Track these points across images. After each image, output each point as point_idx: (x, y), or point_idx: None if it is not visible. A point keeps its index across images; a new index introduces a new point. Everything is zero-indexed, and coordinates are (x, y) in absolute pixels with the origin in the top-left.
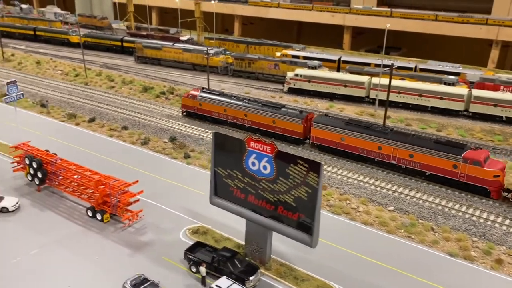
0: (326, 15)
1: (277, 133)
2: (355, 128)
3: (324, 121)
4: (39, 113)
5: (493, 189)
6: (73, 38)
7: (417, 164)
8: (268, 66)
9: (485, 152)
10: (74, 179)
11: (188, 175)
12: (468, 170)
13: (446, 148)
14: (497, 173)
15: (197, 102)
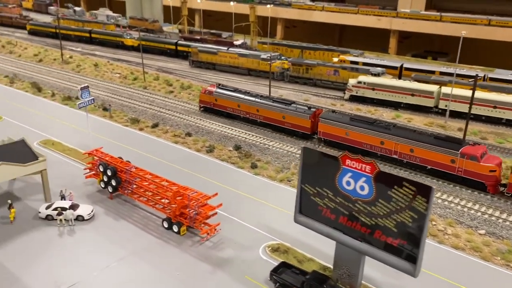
0: (372, 18)
1: (287, 128)
2: (359, 124)
3: (330, 116)
4: (102, 117)
5: (489, 183)
6: (127, 41)
7: (417, 159)
8: (327, 72)
9: (482, 148)
10: (149, 188)
11: (258, 187)
12: (466, 165)
13: (445, 143)
14: (493, 168)
15: (213, 97)
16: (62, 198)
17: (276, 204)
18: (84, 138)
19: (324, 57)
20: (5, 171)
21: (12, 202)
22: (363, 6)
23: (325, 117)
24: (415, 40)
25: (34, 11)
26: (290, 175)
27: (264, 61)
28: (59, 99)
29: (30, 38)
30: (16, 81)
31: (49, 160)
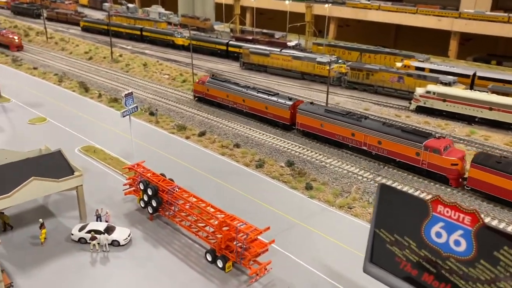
0: (432, 19)
1: (269, 118)
2: (333, 115)
3: (307, 108)
4: (148, 122)
5: (451, 177)
6: (178, 40)
7: (385, 151)
8: (391, 79)
9: (446, 141)
10: (193, 213)
11: (313, 212)
12: (429, 158)
13: (411, 136)
14: (455, 162)
15: (206, 87)
16: (97, 218)
17: (335, 236)
18: (128, 145)
19: (385, 61)
20: (37, 187)
21: (44, 222)
22: (422, 5)
23: (303, 109)
24: (477, 42)
25: (89, 7)
26: (351, 200)
27: (320, 65)
28: (105, 101)
29: (82, 34)
30: (64, 79)
31: (89, 170)
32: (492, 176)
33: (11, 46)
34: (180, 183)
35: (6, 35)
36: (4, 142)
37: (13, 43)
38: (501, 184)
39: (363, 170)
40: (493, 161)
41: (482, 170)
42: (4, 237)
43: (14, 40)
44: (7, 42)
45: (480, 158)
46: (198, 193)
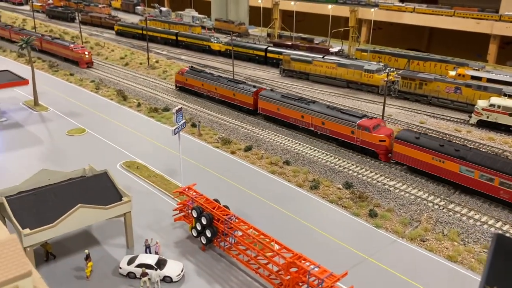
0: (469, 22)
1: (237, 104)
2: (287, 100)
3: (267, 94)
4: (190, 134)
5: (380, 152)
6: (214, 45)
7: (327, 130)
8: (446, 89)
9: (377, 121)
10: (253, 248)
11: (382, 245)
12: (361, 135)
13: (347, 117)
14: (382, 138)
15: (185, 77)
16: (146, 248)
17: (411, 276)
18: (171, 160)
19: (436, 69)
20: (84, 215)
21: (90, 253)
22: (459, 8)
23: (263, 95)
24: None
25: (122, 10)
26: (422, 231)
27: (368, 73)
28: (145, 110)
29: (117, 39)
30: (101, 87)
31: (132, 189)
32: (411, 150)
33: (81, 63)
34: (228, 204)
35: (76, 50)
36: (43, 155)
37: (83, 59)
38: (419, 157)
39: (432, 195)
40: (412, 137)
41: (404, 145)
42: (46, 268)
43: (85, 56)
44: (76, 58)
45: (402, 134)
46: (248, 217)
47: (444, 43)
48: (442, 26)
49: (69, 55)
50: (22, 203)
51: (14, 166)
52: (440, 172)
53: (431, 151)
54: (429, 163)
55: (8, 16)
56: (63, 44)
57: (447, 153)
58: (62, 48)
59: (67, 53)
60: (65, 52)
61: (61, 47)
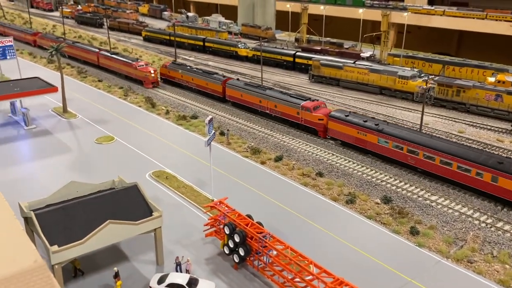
0: (503, 25)
1: (209, 92)
2: (248, 87)
3: (233, 83)
4: (218, 143)
5: (319, 129)
6: (241, 51)
7: (279, 112)
8: (486, 96)
9: (318, 103)
10: (290, 270)
11: (427, 267)
12: (304, 115)
13: (294, 100)
14: (321, 117)
15: (167, 70)
16: (177, 266)
17: None
18: (201, 170)
19: (473, 75)
20: (113, 232)
21: (119, 271)
22: (491, 10)
23: (230, 83)
24: None
25: (149, 16)
26: (469, 252)
27: (403, 79)
28: (173, 118)
29: (144, 44)
30: (130, 93)
31: (162, 201)
32: (342, 126)
33: (146, 82)
34: (260, 219)
35: (141, 68)
36: (72, 164)
37: (148, 79)
38: (348, 132)
39: (478, 212)
40: (343, 115)
41: (336, 122)
42: (74, 284)
43: (150, 75)
44: (141, 77)
45: (335, 113)
46: (282, 234)
47: (475, 47)
48: (472, 29)
49: (132, 74)
50: (51, 217)
51: (43, 175)
52: (364, 144)
53: (356, 126)
54: (355, 137)
55: (38, 22)
56: (124, 61)
57: (368, 127)
58: (123, 66)
59: (129, 71)
60: (127, 70)
61: (122, 64)
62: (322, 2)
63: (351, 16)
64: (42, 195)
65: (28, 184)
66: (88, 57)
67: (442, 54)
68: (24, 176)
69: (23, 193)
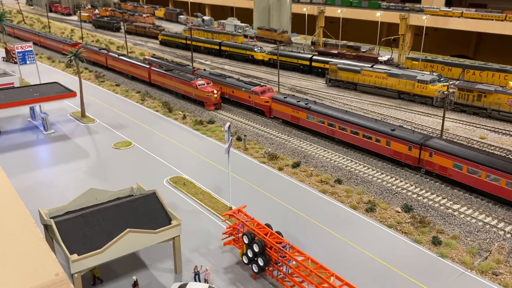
0: None
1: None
2: (212, 76)
3: (199, 73)
4: (236, 148)
5: (265, 110)
6: (257, 54)
7: (235, 97)
8: (509, 101)
9: (266, 88)
10: (310, 281)
11: (450, 279)
12: (254, 98)
13: (247, 85)
14: (266, 100)
15: None
16: (195, 275)
17: None
18: (218, 176)
19: (494, 79)
20: (132, 240)
21: (137, 280)
22: (510, 12)
23: (197, 73)
24: None
25: (165, 19)
26: (494, 263)
27: (422, 83)
28: (190, 123)
29: (161, 48)
30: (147, 98)
31: (180, 208)
32: (282, 106)
33: (208, 104)
34: (278, 227)
35: (202, 88)
36: (90, 169)
37: (211, 100)
38: (286, 111)
39: (502, 221)
40: (282, 97)
41: (277, 104)
42: None
43: (213, 95)
44: (202, 97)
45: (276, 96)
46: (301, 243)
47: (494, 49)
48: (491, 31)
49: (191, 93)
50: (70, 225)
51: (61, 180)
52: (298, 120)
53: (291, 105)
54: (291, 115)
55: (57, 26)
56: (181, 78)
57: (299, 106)
58: (180, 83)
59: (187, 90)
60: (185, 88)
61: (179, 81)
62: (337, 5)
63: (367, 18)
64: (61, 201)
65: (47, 190)
66: (137, 72)
67: (459, 56)
68: (43, 182)
69: (42, 199)
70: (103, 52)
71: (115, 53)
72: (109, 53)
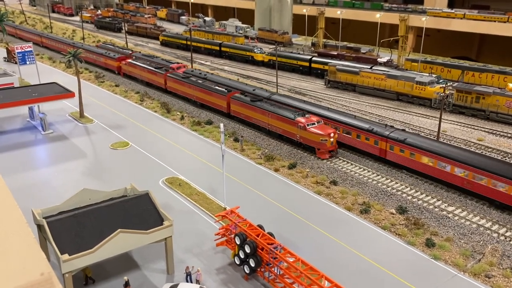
0: None
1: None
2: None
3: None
4: (233, 149)
5: None
6: (257, 55)
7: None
8: (507, 103)
9: (182, 65)
10: (300, 283)
11: (443, 281)
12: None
13: (165, 63)
14: None
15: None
16: (187, 276)
17: None
18: (214, 177)
19: (493, 81)
20: (124, 241)
21: (129, 280)
22: None
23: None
24: None
25: (167, 20)
26: (487, 265)
27: (420, 85)
28: (188, 124)
29: (162, 49)
30: (146, 98)
31: (174, 208)
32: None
33: (321, 151)
34: (272, 228)
35: (313, 130)
36: (87, 169)
37: (326, 146)
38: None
39: (496, 224)
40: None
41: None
42: None
43: (329, 140)
44: (313, 142)
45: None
46: (294, 244)
47: (497, 51)
48: (494, 32)
49: (293, 135)
50: (62, 225)
51: (57, 180)
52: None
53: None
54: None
55: (59, 27)
56: (279, 114)
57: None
58: (276, 120)
59: (289, 130)
60: (285, 127)
61: (279, 119)
62: (340, 6)
63: (369, 19)
64: (57, 201)
65: (43, 190)
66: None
67: (462, 58)
68: (39, 182)
69: (37, 199)
70: None
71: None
72: None
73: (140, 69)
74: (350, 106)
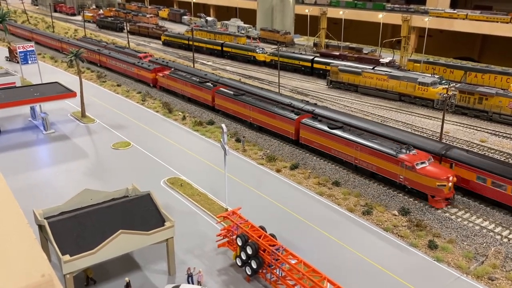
0: None
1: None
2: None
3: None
4: (235, 150)
5: None
6: (259, 56)
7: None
8: (510, 104)
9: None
10: (303, 285)
11: (445, 284)
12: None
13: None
14: None
15: None
16: (189, 277)
17: None
18: (215, 177)
19: (496, 82)
20: (125, 241)
21: (130, 281)
22: None
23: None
24: None
25: (169, 20)
26: (490, 268)
27: (423, 86)
28: (189, 124)
29: (163, 49)
30: (147, 98)
31: (175, 209)
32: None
33: (436, 200)
34: (273, 229)
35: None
36: (88, 169)
37: (442, 192)
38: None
39: (500, 226)
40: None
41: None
42: None
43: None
44: (425, 187)
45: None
46: (295, 245)
47: (499, 52)
48: (496, 33)
49: (395, 175)
50: (63, 226)
51: (59, 180)
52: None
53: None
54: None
55: (61, 26)
56: (374, 148)
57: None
58: (367, 154)
59: (389, 170)
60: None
61: (375, 155)
62: (342, 6)
63: (372, 19)
64: (58, 201)
65: (44, 190)
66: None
67: (464, 59)
68: (41, 182)
69: (39, 199)
70: None
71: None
72: None
73: (182, 83)
74: (352, 106)
